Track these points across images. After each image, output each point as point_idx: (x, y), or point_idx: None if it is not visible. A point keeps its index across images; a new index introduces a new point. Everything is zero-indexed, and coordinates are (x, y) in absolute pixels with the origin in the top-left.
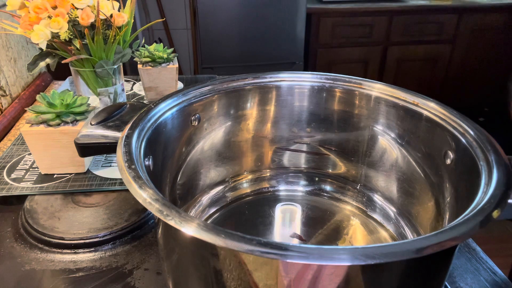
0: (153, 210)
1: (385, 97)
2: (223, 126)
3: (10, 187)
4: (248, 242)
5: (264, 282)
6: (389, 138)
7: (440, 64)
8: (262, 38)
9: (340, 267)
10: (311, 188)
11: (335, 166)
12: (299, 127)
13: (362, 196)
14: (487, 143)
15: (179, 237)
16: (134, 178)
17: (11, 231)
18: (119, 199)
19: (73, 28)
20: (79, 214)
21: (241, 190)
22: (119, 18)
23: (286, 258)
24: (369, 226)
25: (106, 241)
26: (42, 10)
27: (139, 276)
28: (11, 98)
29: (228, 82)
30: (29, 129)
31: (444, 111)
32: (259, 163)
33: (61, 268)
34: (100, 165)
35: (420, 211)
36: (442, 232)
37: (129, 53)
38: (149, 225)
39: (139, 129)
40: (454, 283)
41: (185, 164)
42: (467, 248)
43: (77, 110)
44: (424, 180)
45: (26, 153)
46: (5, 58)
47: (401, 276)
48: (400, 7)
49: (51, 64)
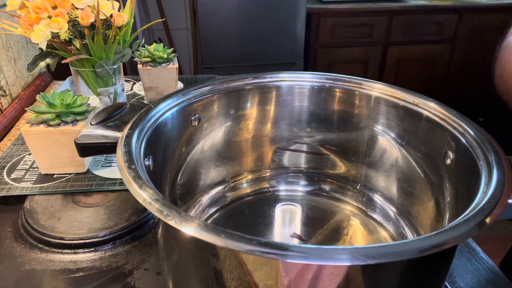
0: (153, 210)
1: (385, 97)
2: (223, 126)
3: (10, 187)
4: (248, 242)
5: (264, 282)
6: (389, 138)
7: (440, 64)
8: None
9: (340, 267)
10: (311, 188)
11: (335, 166)
12: (299, 127)
13: (362, 196)
14: (487, 143)
15: (179, 237)
16: (134, 178)
17: (11, 231)
18: (119, 199)
19: (73, 28)
20: (79, 214)
21: (241, 190)
22: (119, 18)
23: (286, 258)
24: (369, 226)
25: (106, 241)
26: (42, 10)
27: (139, 276)
28: (11, 98)
29: (228, 82)
30: (29, 129)
31: (444, 111)
32: (259, 163)
33: (61, 268)
34: (100, 165)
35: (420, 211)
36: (442, 232)
37: (129, 53)
38: (149, 225)
39: (139, 129)
40: (454, 283)
41: (185, 164)
42: (467, 248)
43: (77, 110)
44: (424, 180)
45: (26, 153)
46: (5, 58)
47: (401, 276)
48: (400, 7)
49: (51, 64)
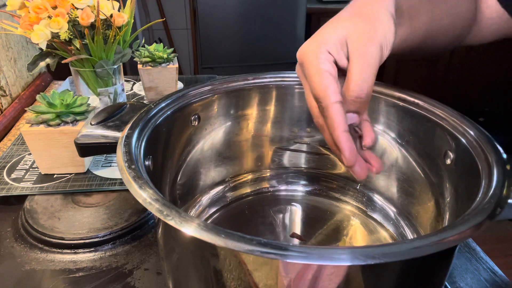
0: (153, 210)
1: (385, 97)
2: (223, 126)
3: (10, 187)
4: (248, 242)
5: (264, 282)
6: (389, 138)
7: (440, 64)
8: (262, 38)
9: (340, 267)
10: (311, 188)
11: (335, 166)
12: (299, 127)
13: (362, 196)
14: (487, 143)
15: (179, 237)
16: (134, 178)
17: (11, 231)
18: (119, 199)
19: (73, 28)
20: (79, 214)
21: (241, 190)
22: (119, 18)
23: (286, 258)
24: (369, 226)
25: (106, 241)
26: (42, 10)
27: (139, 276)
28: (11, 98)
29: (228, 82)
30: (29, 129)
31: (444, 111)
32: (259, 163)
33: (61, 268)
34: (100, 165)
35: (420, 211)
36: (442, 232)
37: (129, 53)
38: (149, 225)
39: (139, 129)
40: (454, 283)
41: (185, 164)
42: (467, 248)
43: (77, 110)
44: (424, 180)
45: (26, 153)
46: (5, 58)
47: (401, 276)
48: None
49: (51, 64)
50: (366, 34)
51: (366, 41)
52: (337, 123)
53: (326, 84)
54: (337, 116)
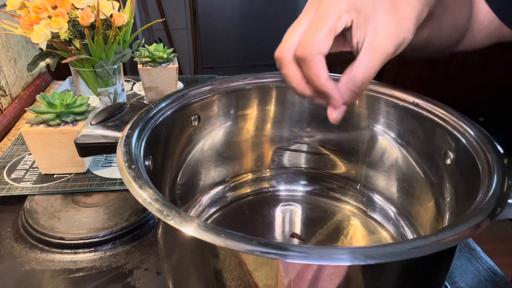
0: (153, 210)
1: (385, 97)
2: (223, 126)
3: (10, 187)
4: (248, 242)
5: (264, 282)
6: (389, 138)
7: (440, 64)
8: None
9: (340, 267)
10: (311, 188)
11: (335, 166)
12: (299, 127)
13: (362, 196)
14: (487, 143)
15: (179, 237)
16: (134, 178)
17: (11, 231)
18: (119, 199)
19: (73, 28)
20: (79, 214)
21: (241, 190)
22: (119, 18)
23: (286, 258)
24: (369, 226)
25: (106, 241)
26: (42, 10)
27: (139, 276)
28: (11, 98)
29: (228, 82)
30: (29, 129)
31: (444, 111)
32: (259, 163)
33: (61, 268)
34: (100, 165)
35: (420, 211)
36: (442, 232)
37: (129, 53)
38: (149, 225)
39: (139, 129)
40: (454, 283)
41: (185, 164)
42: (467, 248)
43: (77, 110)
44: (424, 180)
45: (26, 153)
46: (5, 58)
47: (401, 276)
48: None
49: (51, 64)
50: (394, 32)
51: (388, 40)
52: (320, 73)
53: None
54: (320, 66)
